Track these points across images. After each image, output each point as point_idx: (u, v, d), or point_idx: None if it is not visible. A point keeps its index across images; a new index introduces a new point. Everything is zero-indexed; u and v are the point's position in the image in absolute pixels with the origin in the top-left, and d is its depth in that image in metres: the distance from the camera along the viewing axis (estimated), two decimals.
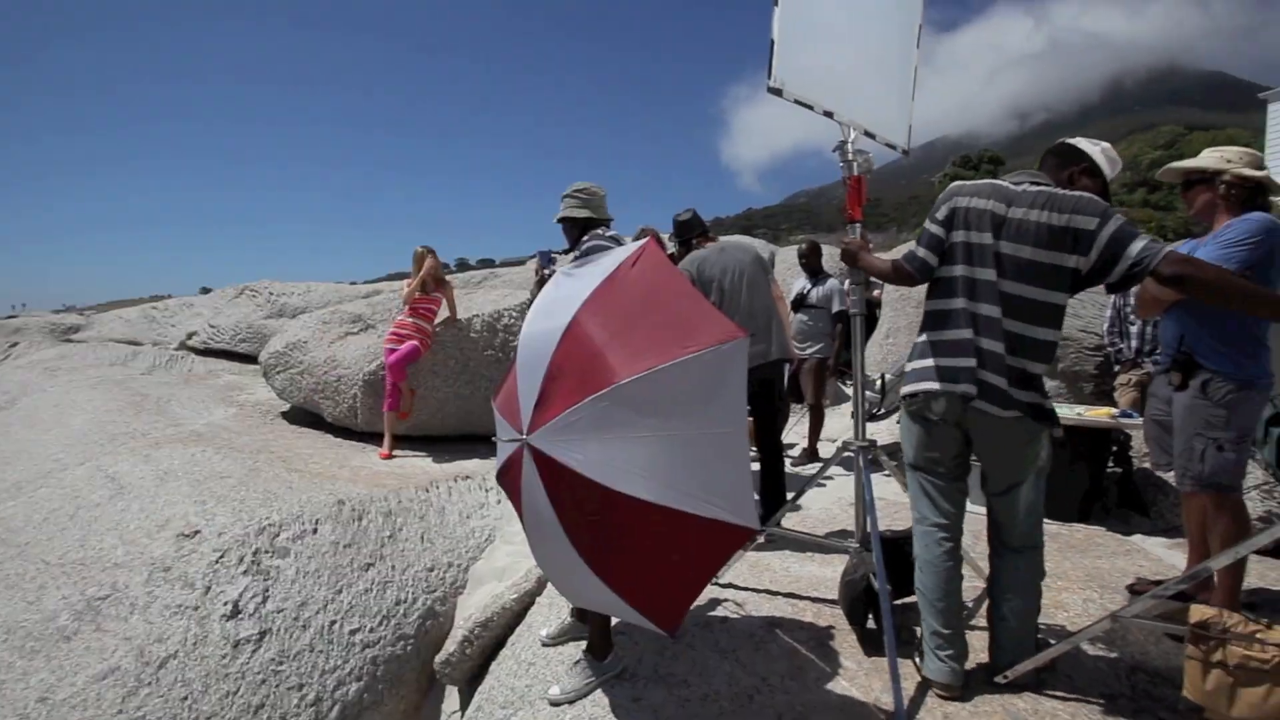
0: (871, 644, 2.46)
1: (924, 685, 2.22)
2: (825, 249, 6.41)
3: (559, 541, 1.93)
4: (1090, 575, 3.01)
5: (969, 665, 2.25)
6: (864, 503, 2.46)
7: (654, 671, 2.41)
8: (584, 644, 2.47)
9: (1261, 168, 2.51)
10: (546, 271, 3.17)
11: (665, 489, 1.78)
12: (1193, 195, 2.59)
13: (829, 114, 2.52)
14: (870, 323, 7.39)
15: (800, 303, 5.49)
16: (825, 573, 3.10)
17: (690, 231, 3.94)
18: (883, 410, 5.89)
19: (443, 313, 5.55)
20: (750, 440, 3.72)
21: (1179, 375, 2.50)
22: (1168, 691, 2.15)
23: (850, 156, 2.52)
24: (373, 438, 5.48)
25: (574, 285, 2.17)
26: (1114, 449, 3.93)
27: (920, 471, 2.28)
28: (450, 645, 3.26)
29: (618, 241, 2.64)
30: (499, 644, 3.13)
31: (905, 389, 2.27)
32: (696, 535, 1.84)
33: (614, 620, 2.51)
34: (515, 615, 3.29)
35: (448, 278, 5.92)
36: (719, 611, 2.80)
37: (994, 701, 2.13)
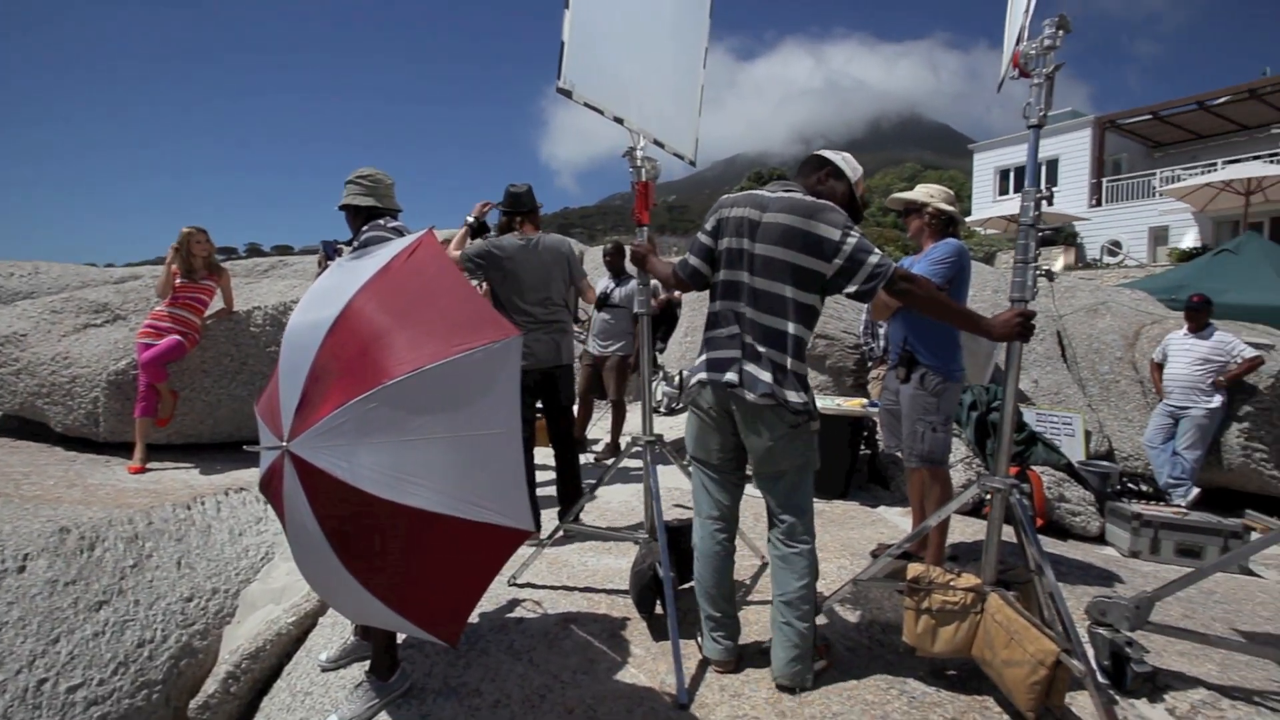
0: (660, 630, 2.59)
1: (705, 663, 2.39)
2: (630, 250, 6.67)
3: (325, 556, 1.80)
4: (844, 545, 3.44)
5: (744, 640, 2.45)
6: (650, 494, 2.58)
7: (444, 684, 2.34)
8: (368, 664, 2.33)
9: (954, 204, 3.13)
10: (330, 263, 2.95)
11: (437, 495, 1.73)
12: (908, 221, 3.15)
13: (619, 120, 2.61)
14: (670, 322, 7.80)
15: (604, 302, 5.63)
16: (621, 564, 3.21)
17: (519, 206, 3.77)
18: (681, 405, 6.23)
19: (216, 304, 4.92)
20: (543, 439, 3.77)
21: (903, 370, 2.96)
22: (894, 638, 2.52)
23: (639, 163, 2.63)
24: (120, 449, 4.71)
25: (345, 277, 2.03)
26: (864, 434, 4.54)
27: (698, 464, 2.40)
28: (211, 685, 2.89)
29: (400, 233, 2.52)
30: (274, 675, 2.85)
31: (690, 381, 2.38)
32: (471, 541, 1.81)
33: (401, 634, 2.40)
34: (293, 641, 3.02)
35: (224, 264, 5.25)
36: (516, 613, 2.79)
37: (764, 670, 2.35)
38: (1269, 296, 7.15)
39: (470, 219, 3.71)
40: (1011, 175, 25.06)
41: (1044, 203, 2.13)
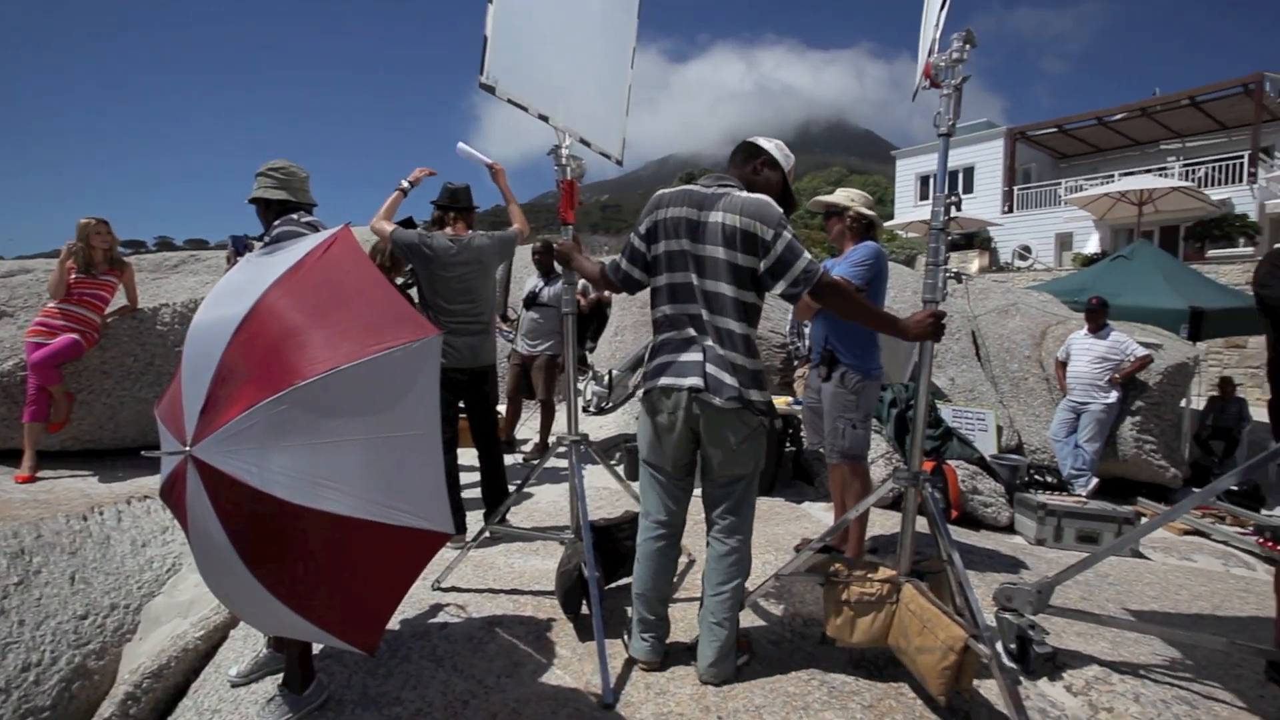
0: (586, 630, 2.58)
1: (631, 661, 2.39)
2: (555, 249, 6.63)
3: (233, 565, 1.71)
4: (769, 541, 3.51)
5: (670, 638, 2.46)
6: (575, 494, 2.57)
7: (363, 694, 2.26)
8: (281, 678, 2.23)
9: (873, 208, 3.24)
10: (239, 259, 2.82)
11: (352, 499, 1.67)
12: (830, 224, 3.24)
13: (544, 118, 2.58)
14: (600, 321, 7.79)
15: (532, 301, 5.58)
16: (548, 565, 3.18)
17: (455, 202, 3.69)
18: (610, 404, 6.23)
19: (119, 300, 4.61)
20: (468, 440, 3.70)
21: (825, 369, 3.05)
22: (816, 630, 2.59)
23: (564, 161, 2.61)
24: (8, 457, 4.36)
25: (255, 273, 1.94)
26: (790, 431, 4.65)
27: (650, 467, 2.37)
28: (107, 708, 2.70)
29: (315, 229, 2.42)
30: (179, 694, 2.69)
31: (642, 389, 2.35)
32: (388, 545, 1.76)
33: (317, 645, 2.31)
34: (200, 656, 2.86)
35: (130, 259, 4.93)
36: (439, 617, 2.73)
37: (689, 667, 2.36)
38: (1158, 300, 7.71)
39: (406, 183, 3.59)
40: (932, 181, 26.16)
41: (954, 208, 2.21)
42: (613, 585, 2.90)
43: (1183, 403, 6.56)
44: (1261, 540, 4.78)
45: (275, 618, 1.79)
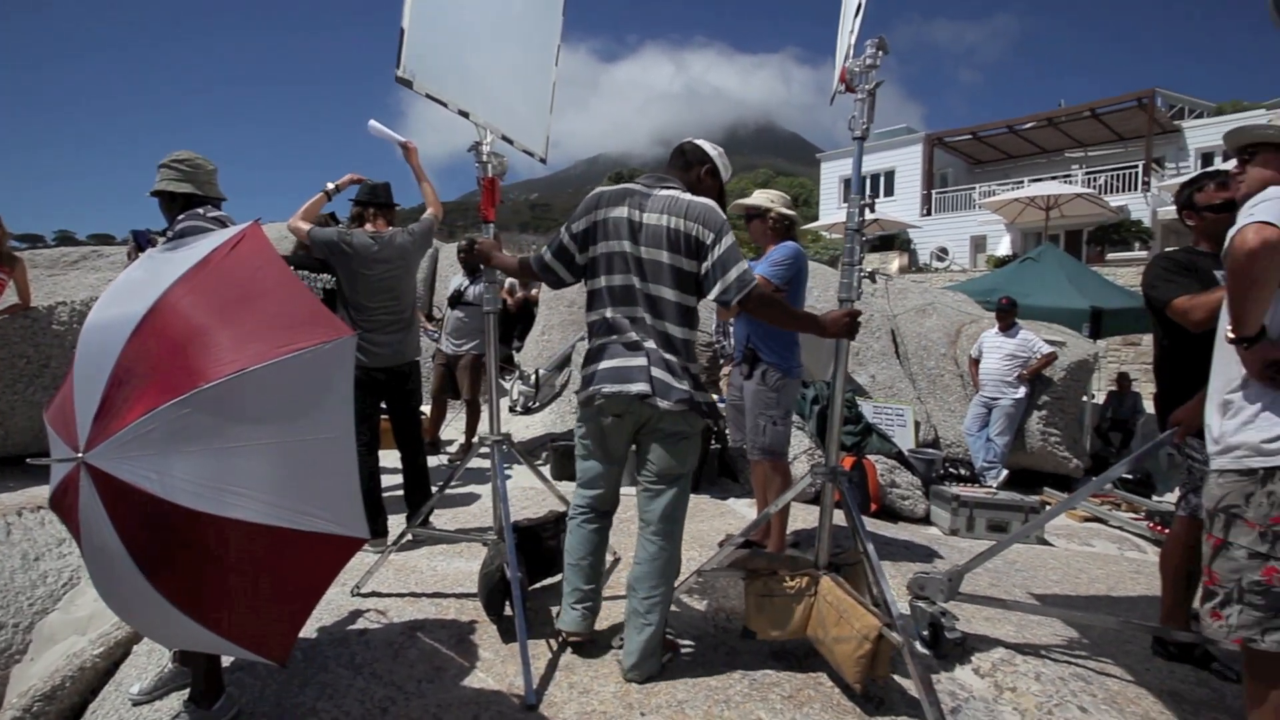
0: (510, 632, 2.54)
1: (554, 662, 2.37)
2: (475, 246, 6.52)
3: (131, 578, 1.62)
4: (694, 537, 3.55)
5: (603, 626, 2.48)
6: (497, 495, 2.53)
7: (276, 706, 2.17)
8: (188, 693, 2.12)
9: (793, 208, 3.33)
10: (141, 254, 2.65)
11: (261, 505, 1.61)
12: (751, 226, 3.29)
13: (464, 114, 2.53)
14: (528, 320, 7.71)
15: (457, 299, 5.48)
16: (472, 567, 3.12)
17: (375, 198, 3.57)
18: (537, 404, 6.17)
19: (9, 298, 4.29)
20: (390, 441, 3.60)
21: (747, 367, 3.11)
22: (738, 624, 2.63)
23: (485, 158, 2.57)
24: None
25: (157, 270, 1.84)
26: (714, 429, 4.72)
27: (588, 458, 2.39)
28: None
29: (223, 224, 2.30)
30: (76, 715, 2.53)
31: (582, 394, 2.33)
32: (300, 552, 1.70)
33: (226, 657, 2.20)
34: (100, 675, 2.68)
35: (23, 254, 4.59)
36: (358, 624, 2.64)
37: (612, 665, 2.36)
38: (1062, 300, 8.20)
39: (331, 185, 3.48)
40: (850, 184, 27.06)
41: (869, 210, 2.28)
42: (537, 586, 2.88)
43: (1084, 397, 6.99)
44: (1152, 525, 5.15)
45: (179, 631, 1.70)
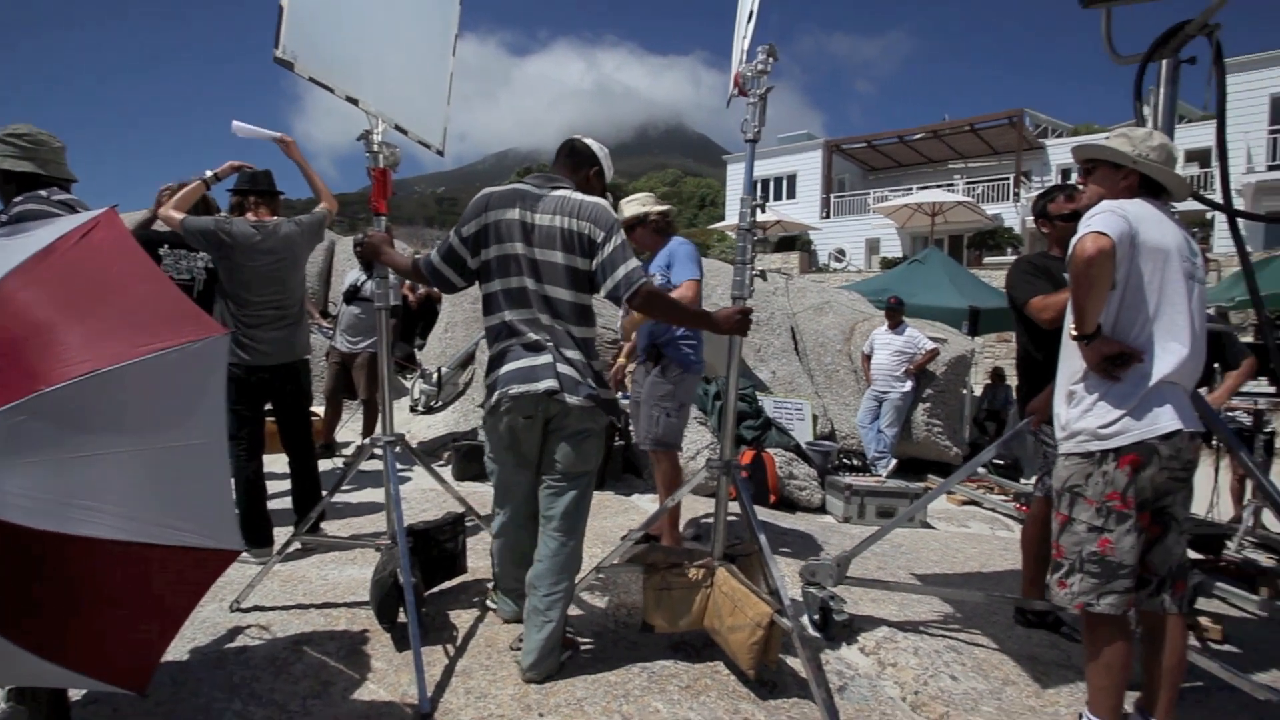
0: (405, 640, 2.46)
1: (450, 669, 2.32)
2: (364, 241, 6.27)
3: None
4: (597, 534, 3.56)
5: (492, 639, 2.45)
6: (390, 498, 2.45)
7: None
8: None
9: (663, 203, 3.41)
10: None
11: (117, 520, 1.47)
12: (635, 235, 3.34)
13: (353, 100, 2.42)
14: (430, 317, 7.49)
15: (354, 295, 5.24)
16: (366, 575, 2.99)
17: (255, 185, 3.35)
18: (440, 403, 6.00)
19: None
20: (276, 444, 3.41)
21: (650, 363, 3.15)
22: (638, 619, 2.66)
23: (376, 148, 2.47)
24: None
25: None
26: (618, 426, 4.76)
27: (501, 465, 2.36)
28: None
29: (72, 209, 2.10)
30: None
31: (489, 400, 2.29)
32: (163, 569, 1.57)
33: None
34: None
35: None
36: (237, 641, 2.48)
37: (510, 668, 2.33)
38: (945, 299, 8.79)
39: (210, 173, 3.23)
40: (758, 185, 27.88)
41: (760, 210, 2.35)
42: (435, 590, 2.80)
43: (963, 390, 7.50)
44: (1018, 506, 5.60)
45: (15, 667, 1.53)
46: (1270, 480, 2.57)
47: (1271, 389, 5.90)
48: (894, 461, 6.51)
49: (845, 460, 6.16)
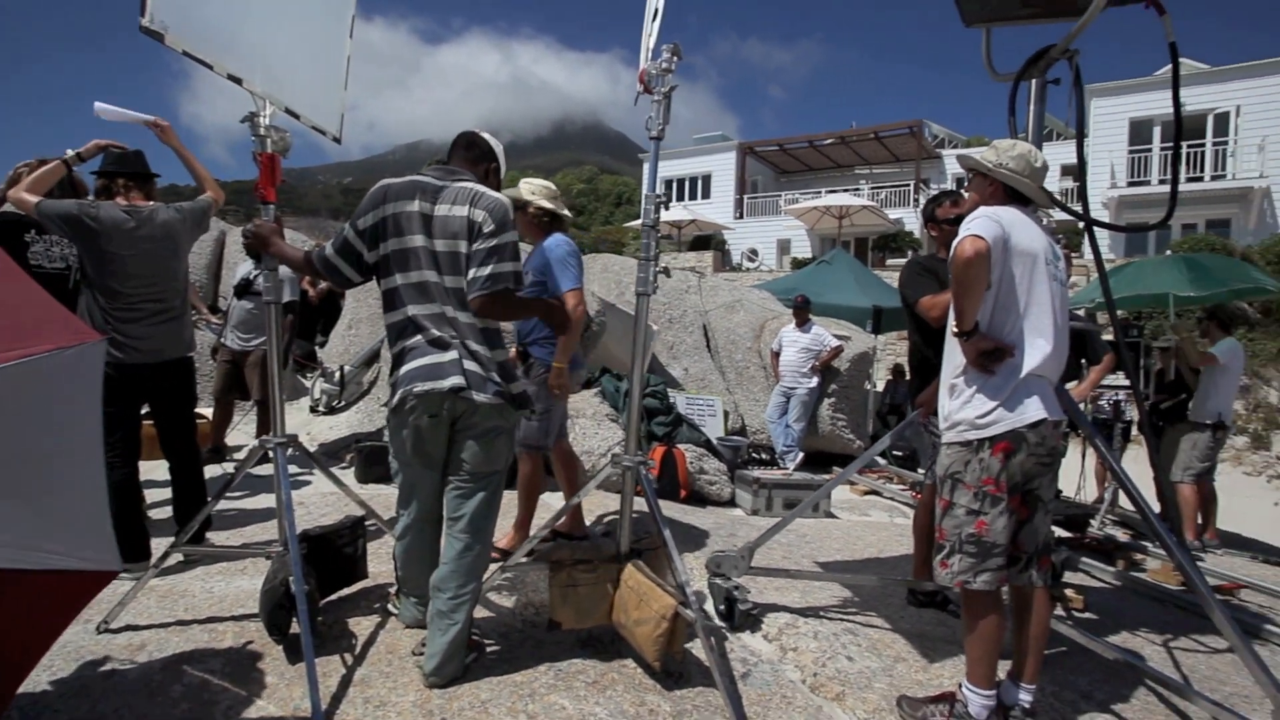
0: (298, 651, 2.34)
1: (347, 679, 2.22)
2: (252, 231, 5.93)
3: None
4: (503, 534, 3.50)
5: (394, 647, 2.38)
6: (281, 503, 2.33)
7: None
8: None
9: (556, 200, 3.26)
10: None
11: None
12: (515, 217, 3.24)
13: (236, 79, 2.27)
14: (332, 313, 7.16)
15: (245, 289, 4.91)
16: (257, 585, 2.83)
17: (123, 166, 3.07)
18: (342, 403, 5.75)
19: None
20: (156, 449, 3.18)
21: (522, 363, 3.15)
22: (545, 616, 2.64)
23: (263, 131, 2.33)
24: None
25: None
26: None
27: (406, 466, 2.29)
28: None
29: None
30: None
31: (393, 400, 2.21)
32: (23, 597, 1.44)
33: None
34: None
35: None
36: (107, 666, 2.28)
37: (411, 675, 2.26)
38: (849, 299, 9.17)
39: (71, 153, 2.96)
40: (674, 185, 28.29)
41: (663, 207, 2.38)
42: (334, 597, 2.69)
43: (867, 385, 7.86)
44: (914, 494, 5.92)
45: None
46: (1122, 465, 2.83)
47: (1128, 383, 6.49)
48: (801, 455, 6.74)
49: (754, 454, 6.33)
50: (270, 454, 2.40)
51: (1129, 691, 2.52)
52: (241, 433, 5.38)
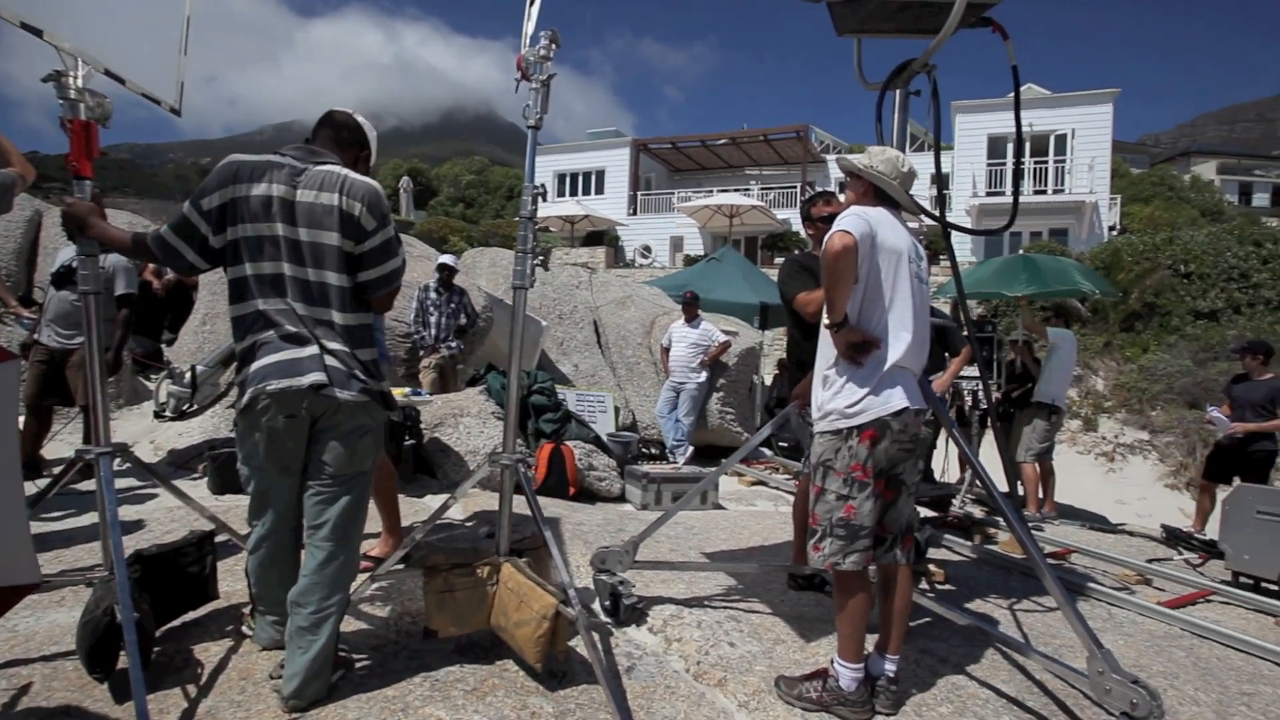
0: (126, 688, 2.08)
1: (190, 712, 2.00)
2: (64, 210, 5.28)
3: None
4: (372, 544, 3.31)
5: (248, 664, 2.17)
6: (106, 521, 2.06)
7: None
8: None
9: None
10: None
11: None
12: None
13: (34, 30, 1.98)
14: (182, 307, 6.51)
15: (65, 278, 4.24)
16: (76, 618, 2.50)
17: None
18: (194, 407, 5.24)
19: None
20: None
21: None
22: (422, 626, 2.50)
23: (74, 95, 2.04)
24: None
25: None
26: (409, 424, 4.50)
27: (259, 472, 2.08)
28: None
29: None
30: None
31: (241, 399, 2.01)
32: None
33: None
34: None
35: None
36: None
37: (268, 698, 2.07)
38: (738, 295, 9.42)
39: None
40: (568, 179, 28.13)
41: (541, 199, 2.30)
42: (177, 623, 2.42)
43: (755, 379, 8.10)
44: (797, 484, 6.15)
45: None
46: (973, 450, 3.03)
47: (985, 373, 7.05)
48: (691, 449, 6.84)
49: (645, 450, 6.36)
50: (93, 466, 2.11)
51: (980, 653, 2.72)
52: (66, 443, 4.77)
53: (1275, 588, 3.88)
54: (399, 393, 4.26)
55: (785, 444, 7.54)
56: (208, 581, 2.52)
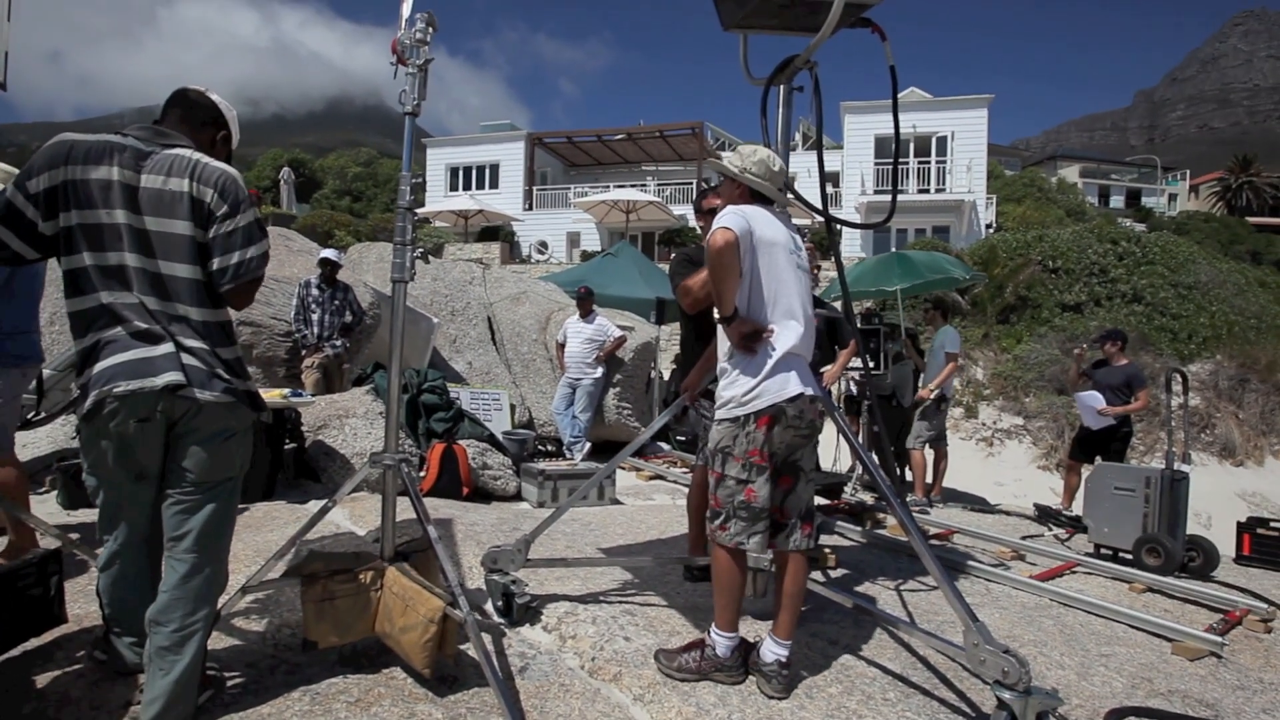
0: None
1: None
2: None
3: None
4: (259, 550, 3.12)
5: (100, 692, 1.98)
6: None
7: None
8: None
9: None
10: None
11: None
12: None
13: None
14: None
15: None
16: None
17: None
18: (42, 414, 4.73)
19: None
20: None
21: None
22: (300, 638, 2.38)
23: None
24: None
25: None
26: (289, 426, 4.26)
27: (109, 482, 1.92)
28: None
29: None
30: None
31: (85, 403, 1.82)
32: None
33: None
34: None
35: None
36: None
37: (129, 714, 1.92)
38: (634, 290, 9.52)
39: None
40: (461, 173, 27.43)
41: (420, 189, 2.24)
42: (15, 653, 2.19)
43: (652, 374, 8.21)
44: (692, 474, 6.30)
45: None
46: (857, 438, 3.22)
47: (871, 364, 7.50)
48: (588, 445, 6.86)
49: (541, 447, 6.32)
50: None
51: (868, 633, 2.88)
52: None
53: (1130, 557, 4.29)
54: (277, 394, 4.01)
55: (683, 438, 7.70)
56: (53, 604, 2.29)
